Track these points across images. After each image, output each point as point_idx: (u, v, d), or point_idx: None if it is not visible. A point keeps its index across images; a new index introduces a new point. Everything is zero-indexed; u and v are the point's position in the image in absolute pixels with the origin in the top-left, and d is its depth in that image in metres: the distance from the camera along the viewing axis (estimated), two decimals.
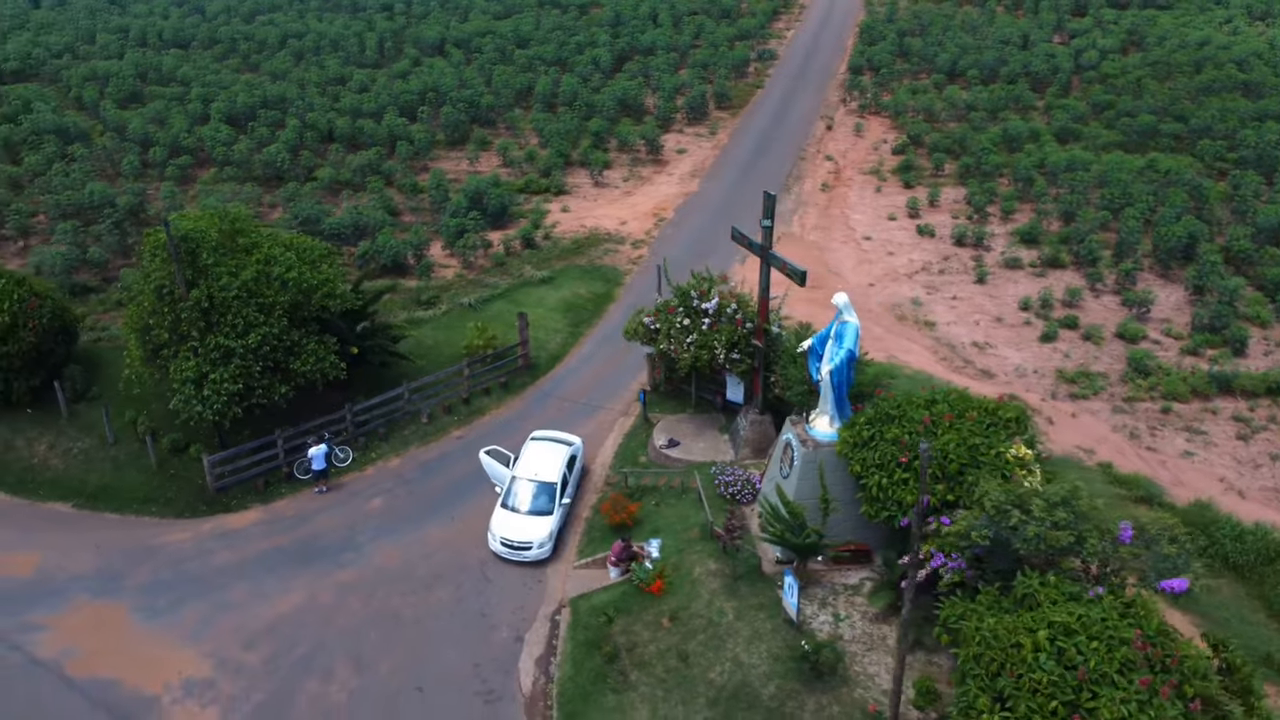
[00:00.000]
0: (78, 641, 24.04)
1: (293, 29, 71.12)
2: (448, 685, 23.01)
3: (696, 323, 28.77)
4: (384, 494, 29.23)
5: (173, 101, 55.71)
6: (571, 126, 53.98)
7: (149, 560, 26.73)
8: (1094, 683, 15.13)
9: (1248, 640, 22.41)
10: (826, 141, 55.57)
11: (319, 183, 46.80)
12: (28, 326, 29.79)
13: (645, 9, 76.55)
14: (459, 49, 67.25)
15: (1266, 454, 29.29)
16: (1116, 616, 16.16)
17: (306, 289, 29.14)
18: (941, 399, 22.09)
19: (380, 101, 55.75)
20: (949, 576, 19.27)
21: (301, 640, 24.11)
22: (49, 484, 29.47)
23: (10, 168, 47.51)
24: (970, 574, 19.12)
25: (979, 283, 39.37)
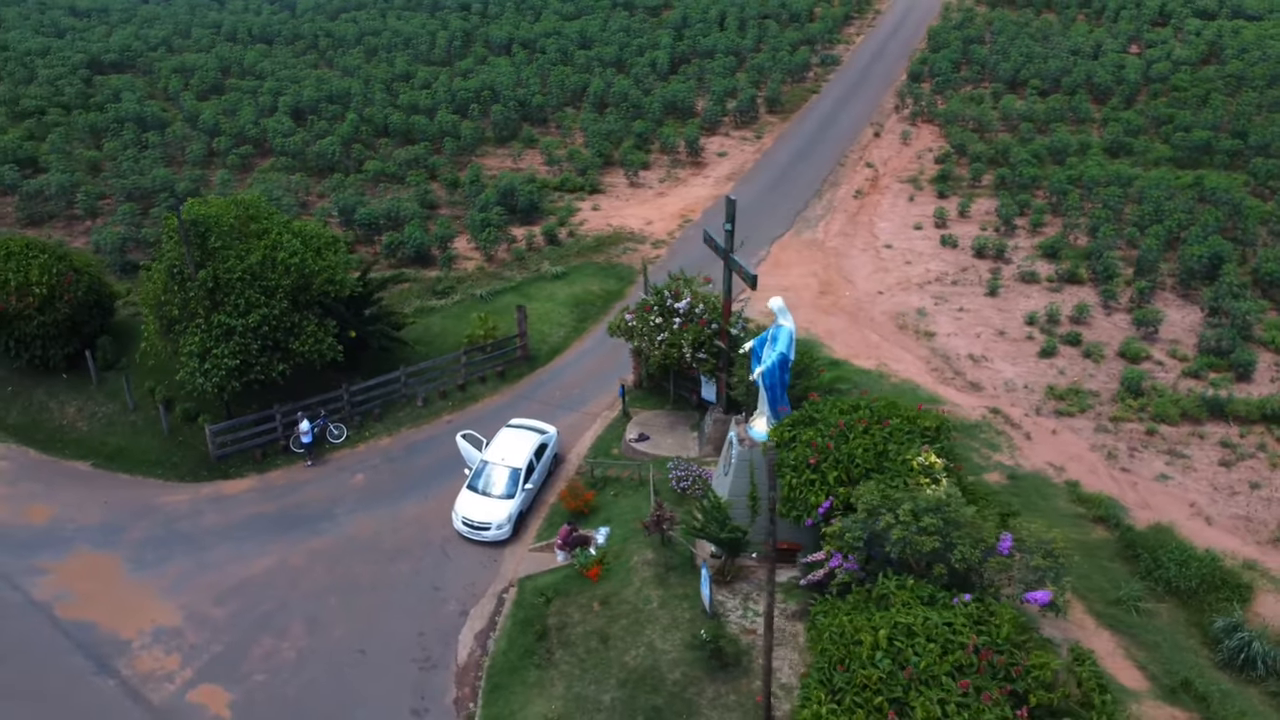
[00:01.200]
0: (72, 586, 26.42)
1: (370, 27, 74.20)
2: (390, 651, 24.54)
3: (668, 322, 29.64)
4: (369, 470, 31.00)
5: (246, 94, 59.01)
6: (616, 127, 55.19)
7: (147, 517, 29.06)
8: (923, 683, 15.58)
9: (1171, 665, 22.30)
10: (871, 149, 55.43)
11: (366, 175, 49.14)
12: (63, 299, 32.56)
13: (714, 13, 77.20)
14: (525, 49, 69.13)
15: (1247, 481, 28.57)
16: (966, 622, 16.50)
17: (309, 274, 31.10)
18: (864, 405, 22.51)
19: (437, 98, 57.95)
20: (841, 576, 19.80)
21: (266, 599, 25.98)
22: (73, 444, 32.16)
23: (92, 152, 51.26)
24: (861, 574, 19.61)
25: (990, 295, 39.05)
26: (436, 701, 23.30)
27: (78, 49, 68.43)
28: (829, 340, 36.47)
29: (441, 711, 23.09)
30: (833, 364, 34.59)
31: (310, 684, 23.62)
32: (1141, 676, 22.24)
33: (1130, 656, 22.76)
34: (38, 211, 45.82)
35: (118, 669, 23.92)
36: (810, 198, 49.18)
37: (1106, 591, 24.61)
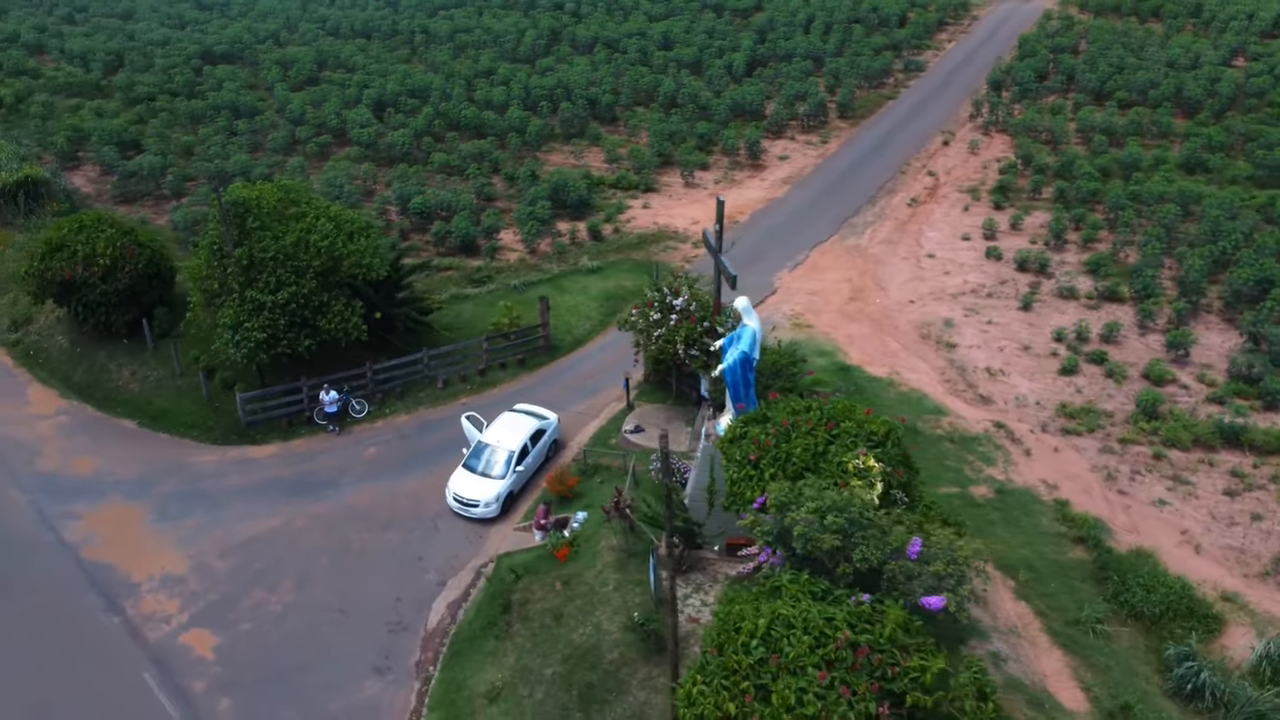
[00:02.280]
0: (99, 532, 28.93)
1: (464, 24, 76.84)
2: (366, 612, 26.13)
3: (665, 319, 30.41)
4: (382, 445, 32.77)
5: (336, 86, 62.14)
6: (679, 127, 56.03)
7: (177, 475, 31.46)
8: (790, 672, 16.08)
9: (1116, 689, 22.06)
10: (937, 157, 54.77)
11: (431, 166, 51.33)
12: (125, 270, 35.35)
13: (801, 16, 77.15)
14: (608, 48, 70.56)
15: (1249, 512, 27.60)
16: (848, 619, 16.86)
17: (338, 257, 33.06)
18: (815, 407, 22.86)
19: (512, 95, 59.84)
20: (764, 570, 20.31)
21: (265, 556, 27.94)
22: (124, 403, 34.94)
23: (187, 137, 55.02)
24: (780, 568, 20.04)
25: (1023, 309, 38.41)
26: (400, 662, 24.75)
27: (194, 40, 73.22)
28: (847, 346, 36.59)
29: (403, 671, 24.52)
30: (843, 369, 34.80)
31: (289, 636, 25.38)
32: (1083, 698, 22.04)
33: (1077, 677, 22.55)
34: (131, 190, 49.52)
35: (124, 608, 26.18)
36: (862, 204, 49.02)
37: (1069, 611, 24.35)
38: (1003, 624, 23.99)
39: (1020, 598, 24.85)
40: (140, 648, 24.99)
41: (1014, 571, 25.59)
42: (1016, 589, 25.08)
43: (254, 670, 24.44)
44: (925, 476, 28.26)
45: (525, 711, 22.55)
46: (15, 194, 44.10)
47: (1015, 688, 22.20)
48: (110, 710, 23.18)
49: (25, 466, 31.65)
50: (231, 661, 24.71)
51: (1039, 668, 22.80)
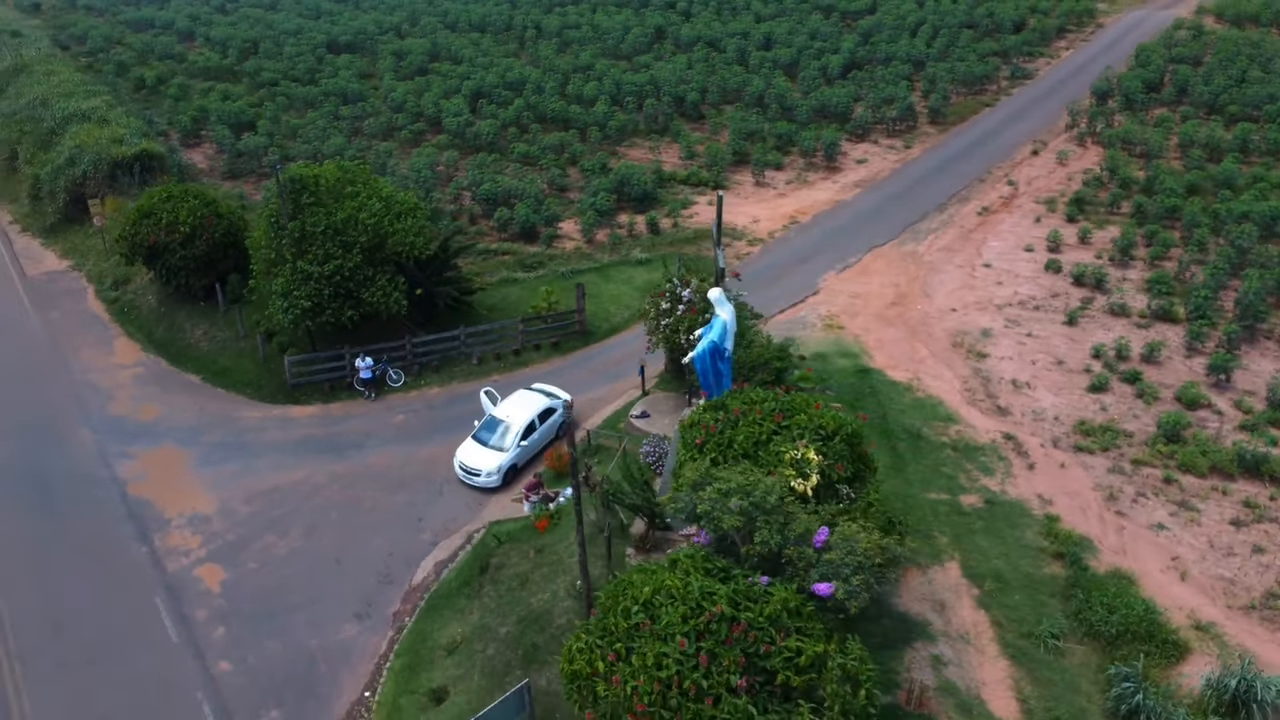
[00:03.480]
0: (147, 471, 31.96)
1: (574, 21, 79.01)
2: (360, 563, 28.11)
3: (674, 308, 31.26)
4: (410, 413, 34.83)
5: (440, 77, 65.15)
6: (759, 127, 56.44)
7: (224, 427, 34.31)
8: (659, 638, 16.89)
9: (1053, 704, 21.91)
10: (1023, 167, 53.41)
11: (511, 156, 53.44)
12: (203, 238, 38.62)
13: (912, 19, 76.05)
14: (710, 47, 71.38)
15: (1251, 544, 26.45)
16: (730, 595, 17.50)
17: (383, 234, 35.30)
18: (772, 399, 23.36)
19: (603, 90, 61.42)
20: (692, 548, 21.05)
21: (282, 505, 30.32)
22: (193, 360, 38.18)
23: (296, 120, 58.92)
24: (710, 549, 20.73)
25: (1068, 324, 37.40)
26: (380, 611, 26.59)
27: (323, 31, 77.89)
28: (876, 349, 36.55)
29: (381, 619, 26.35)
30: (863, 372, 34.86)
31: (287, 578, 27.58)
32: (1017, 709, 21.91)
33: (1016, 688, 22.39)
34: (238, 167, 53.51)
35: (152, 540, 28.97)
36: (931, 210, 48.39)
37: (1027, 624, 24.07)
38: (955, 630, 23.93)
39: (981, 606, 24.66)
40: (158, 576, 27.65)
41: (981, 581, 25.38)
42: (979, 597, 24.90)
43: (250, 605, 26.71)
44: (916, 481, 28.60)
45: (475, 664, 23.96)
46: (132, 166, 48.34)
47: (948, 691, 22.26)
48: (119, 627, 25.82)
49: (99, 409, 35.12)
50: (233, 595, 27.06)
51: (979, 675, 22.70)
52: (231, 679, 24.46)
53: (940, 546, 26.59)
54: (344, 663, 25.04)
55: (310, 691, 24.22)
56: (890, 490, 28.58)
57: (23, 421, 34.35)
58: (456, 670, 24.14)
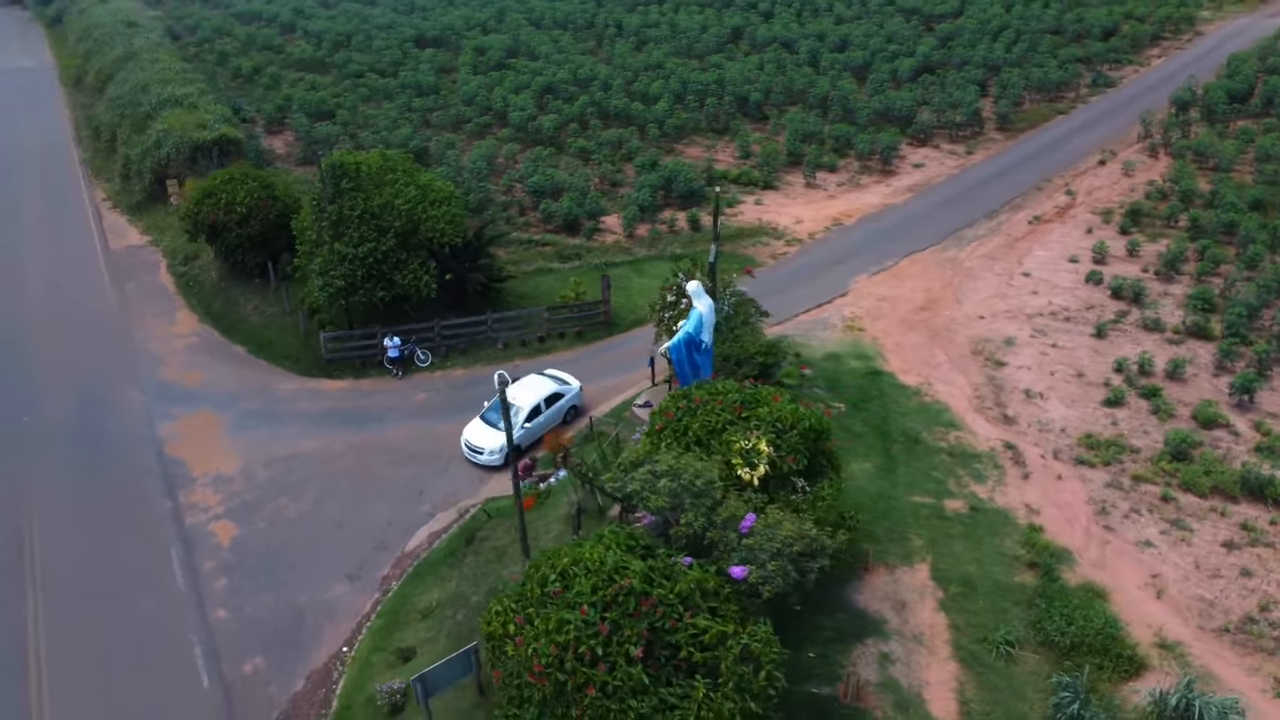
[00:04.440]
0: (184, 432, 34.29)
1: (654, 19, 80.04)
2: (360, 529, 29.71)
3: (678, 302, 31.93)
4: (432, 392, 36.38)
5: (513, 72, 67.02)
6: (818, 129, 56.45)
7: (261, 396, 36.47)
8: (568, 606, 17.76)
9: (993, 709, 22.00)
10: (1086, 176, 52.17)
11: (569, 151, 54.79)
12: (258, 218, 41.01)
13: (996, 24, 74.65)
14: (785, 48, 71.50)
15: (1240, 567, 25.73)
16: (644, 571, 18.24)
17: (416, 220, 36.95)
18: (734, 390, 23.90)
19: (669, 88, 62.28)
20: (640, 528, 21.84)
21: (298, 471, 32.17)
22: (242, 333, 40.58)
23: (372, 111, 61.53)
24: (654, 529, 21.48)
25: (1096, 336, 36.64)
26: (370, 574, 28.10)
27: (412, 25, 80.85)
28: (892, 352, 36.52)
29: (370, 582, 27.85)
30: (874, 374, 34.93)
31: (291, 538, 29.37)
32: (956, 711, 22.00)
33: (959, 691, 22.46)
34: (312, 154, 56.08)
35: (177, 495, 31.16)
36: (980, 218, 47.78)
37: (985, 630, 24.01)
38: (910, 630, 24.05)
39: (942, 609, 24.68)
40: (177, 528, 29.77)
41: (948, 584, 25.38)
42: (942, 600, 24.90)
43: (254, 560, 28.56)
44: (904, 484, 28.74)
45: (444, 629, 25.20)
46: (211, 150, 51.37)
47: (889, 688, 22.49)
48: (134, 571, 27.96)
49: (150, 373, 37.73)
50: (240, 550, 28.97)
51: (925, 676, 22.82)
52: (225, 626, 26.29)
53: (913, 549, 26.65)
54: (329, 619, 26.61)
55: (294, 642, 25.86)
56: (875, 491, 28.84)
57: (84, 383, 37.15)
58: (427, 633, 25.42)
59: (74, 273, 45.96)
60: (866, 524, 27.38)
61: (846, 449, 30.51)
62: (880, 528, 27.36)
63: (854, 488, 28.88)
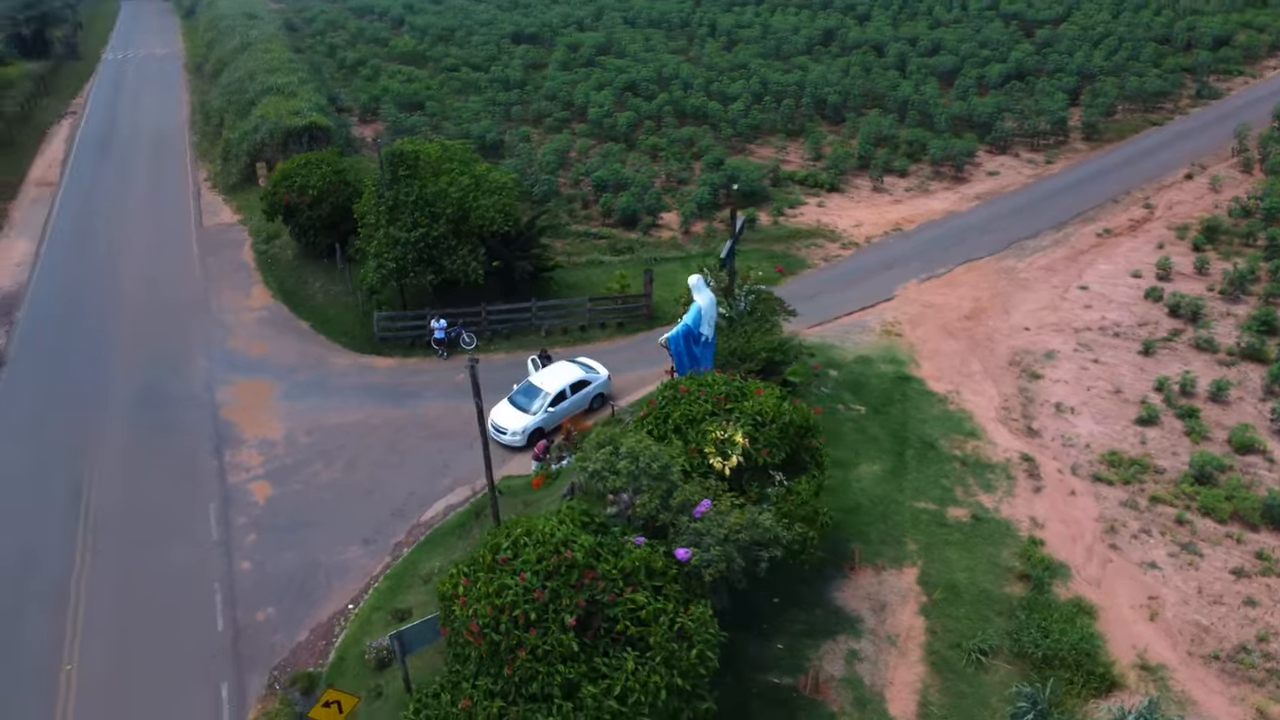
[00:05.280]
0: (239, 398, 36.64)
1: (747, 20, 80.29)
2: (383, 497, 31.32)
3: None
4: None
5: (598, 70, 68.32)
6: (893, 133, 55.94)
7: (315, 369, 38.62)
8: (511, 572, 18.71)
9: (952, 712, 22.04)
10: (1169, 190, 50.35)
11: (641, 147, 55.75)
12: (328, 201, 43.31)
13: (1099, 31, 72.29)
14: (875, 51, 70.86)
15: (1245, 596, 24.88)
16: (590, 546, 19.05)
17: (467, 208, 38.51)
18: (722, 383, 24.42)
19: (750, 88, 62.59)
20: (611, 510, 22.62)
21: (336, 440, 34.04)
22: (308, 309, 42.93)
23: (457, 103, 63.78)
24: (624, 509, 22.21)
25: (1143, 354, 35.59)
26: (385, 540, 29.62)
27: (512, 22, 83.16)
28: (927, 359, 36.27)
29: (383, 547, 29.37)
30: (902, 379, 34.83)
31: (319, 501, 31.19)
32: (914, 713, 22.15)
33: (922, 694, 22.54)
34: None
35: (224, 455, 33.40)
36: (1046, 229, 46.71)
37: (962, 637, 23.96)
38: (885, 631, 24.18)
39: (922, 614, 24.68)
40: (219, 486, 31.95)
41: (933, 590, 25.35)
42: (924, 605, 24.91)
43: (283, 520, 30.46)
44: (909, 489, 28.86)
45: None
46: (302, 136, 54.28)
47: (851, 685, 22.74)
48: (175, 521, 30.20)
49: (219, 343, 40.35)
50: (272, 509, 30.93)
51: (890, 676, 22.94)
52: (246, 577, 28.20)
53: (906, 553, 26.67)
54: (340, 578, 28.23)
55: (305, 597, 27.56)
56: (878, 494, 28.92)
57: (159, 349, 39.98)
58: (425, 596, 26.72)
59: (167, 247, 49.31)
60: (862, 525, 27.62)
61: (858, 451, 30.79)
62: (876, 530, 27.47)
63: (858, 489, 29.11)
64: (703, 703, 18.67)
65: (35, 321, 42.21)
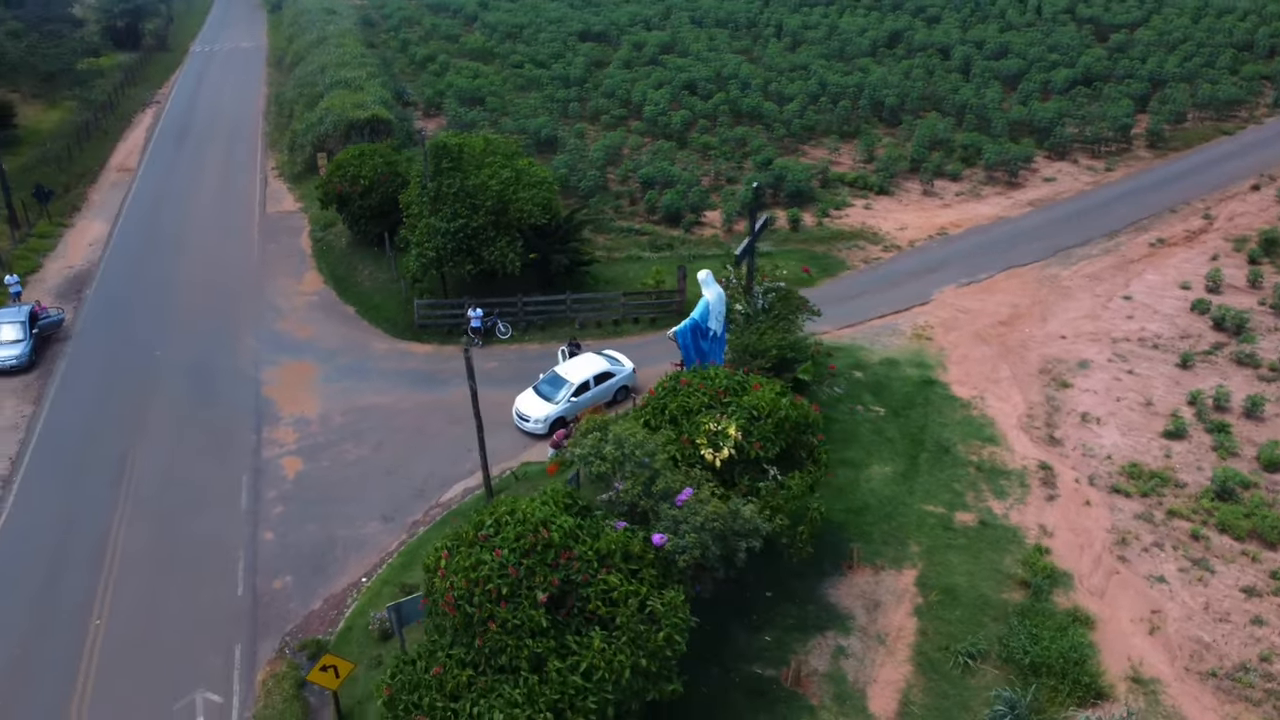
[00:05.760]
0: (282, 377, 38.13)
1: (814, 21, 79.95)
2: (404, 478, 32.36)
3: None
4: (503, 362, 38.75)
5: (659, 68, 68.88)
6: (948, 136, 55.33)
7: (356, 352, 39.96)
8: (488, 548, 19.38)
9: (932, 713, 22.10)
10: (1232, 201, 48.94)
11: (693, 145, 56.16)
12: (378, 191, 44.71)
13: (1177, 35, 70.24)
14: (941, 54, 70.04)
15: (1253, 614, 24.28)
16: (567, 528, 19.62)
17: (506, 201, 39.44)
18: (724, 377, 24.76)
19: (809, 89, 62.48)
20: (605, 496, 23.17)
21: (367, 421, 35.23)
22: (355, 295, 44.36)
23: (518, 99, 64.98)
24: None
25: (1180, 366, 34.80)
26: (402, 518, 30.60)
27: (582, 20, 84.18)
28: (955, 363, 36.01)
29: (400, 525, 30.35)
30: (927, 383, 34.68)
31: (345, 478, 32.37)
32: (894, 711, 22.25)
33: (905, 693, 22.61)
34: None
35: (261, 430, 34.84)
36: (1097, 237, 45.82)
37: (953, 639, 23.90)
38: (876, 629, 24.25)
39: (915, 615, 24.67)
40: (253, 459, 33.37)
41: (929, 592, 25.32)
42: (918, 607, 24.89)
43: (309, 494, 31.70)
44: (920, 492, 28.92)
45: None
46: (364, 128, 56.01)
47: (834, 680, 22.90)
48: (208, 491, 31.65)
49: (268, 324, 42.00)
50: (300, 484, 32.22)
51: (875, 674, 23.02)
52: (268, 547, 29.46)
53: (908, 554, 26.66)
54: (357, 552, 29.30)
55: (321, 569, 28.69)
56: (887, 495, 28.93)
57: (212, 328, 41.80)
58: None
59: (231, 232, 51.39)
60: (866, 525, 27.69)
61: (872, 452, 30.83)
62: (879, 530, 27.50)
63: (867, 490, 29.16)
64: (669, 684, 19.09)
65: (102, 299, 44.46)
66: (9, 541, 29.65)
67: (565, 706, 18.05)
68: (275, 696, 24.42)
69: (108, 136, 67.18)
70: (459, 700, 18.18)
